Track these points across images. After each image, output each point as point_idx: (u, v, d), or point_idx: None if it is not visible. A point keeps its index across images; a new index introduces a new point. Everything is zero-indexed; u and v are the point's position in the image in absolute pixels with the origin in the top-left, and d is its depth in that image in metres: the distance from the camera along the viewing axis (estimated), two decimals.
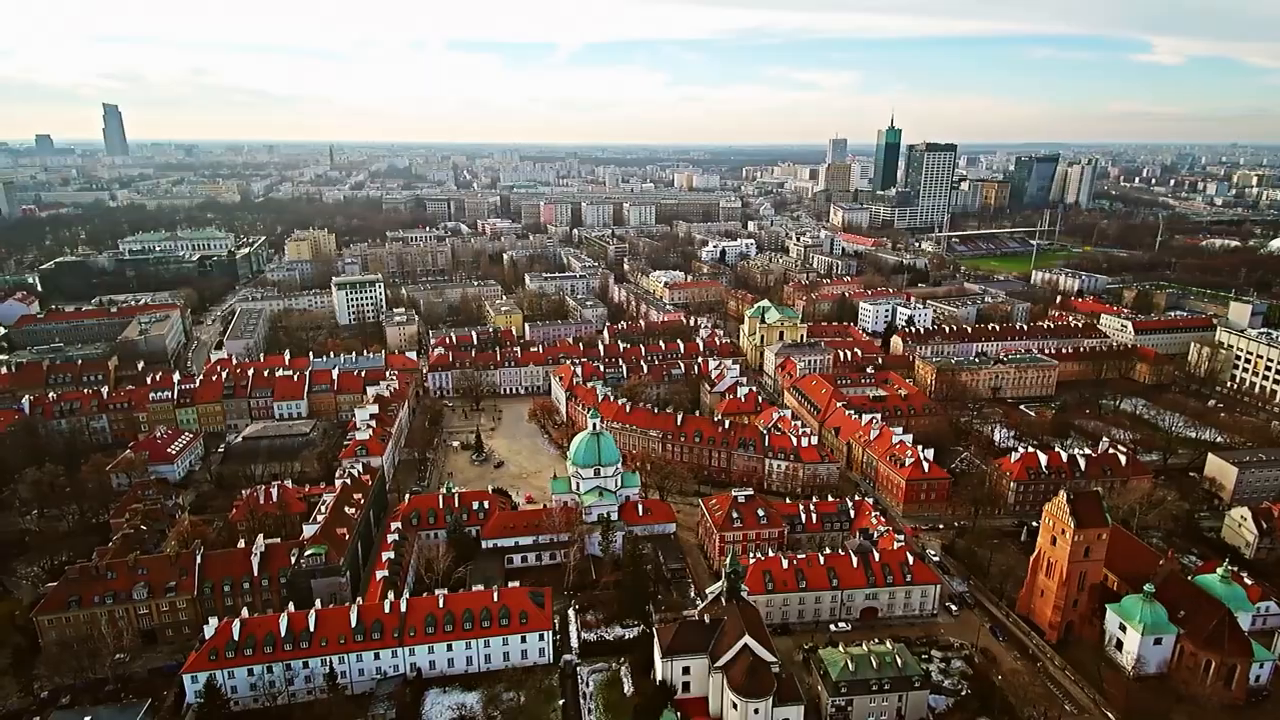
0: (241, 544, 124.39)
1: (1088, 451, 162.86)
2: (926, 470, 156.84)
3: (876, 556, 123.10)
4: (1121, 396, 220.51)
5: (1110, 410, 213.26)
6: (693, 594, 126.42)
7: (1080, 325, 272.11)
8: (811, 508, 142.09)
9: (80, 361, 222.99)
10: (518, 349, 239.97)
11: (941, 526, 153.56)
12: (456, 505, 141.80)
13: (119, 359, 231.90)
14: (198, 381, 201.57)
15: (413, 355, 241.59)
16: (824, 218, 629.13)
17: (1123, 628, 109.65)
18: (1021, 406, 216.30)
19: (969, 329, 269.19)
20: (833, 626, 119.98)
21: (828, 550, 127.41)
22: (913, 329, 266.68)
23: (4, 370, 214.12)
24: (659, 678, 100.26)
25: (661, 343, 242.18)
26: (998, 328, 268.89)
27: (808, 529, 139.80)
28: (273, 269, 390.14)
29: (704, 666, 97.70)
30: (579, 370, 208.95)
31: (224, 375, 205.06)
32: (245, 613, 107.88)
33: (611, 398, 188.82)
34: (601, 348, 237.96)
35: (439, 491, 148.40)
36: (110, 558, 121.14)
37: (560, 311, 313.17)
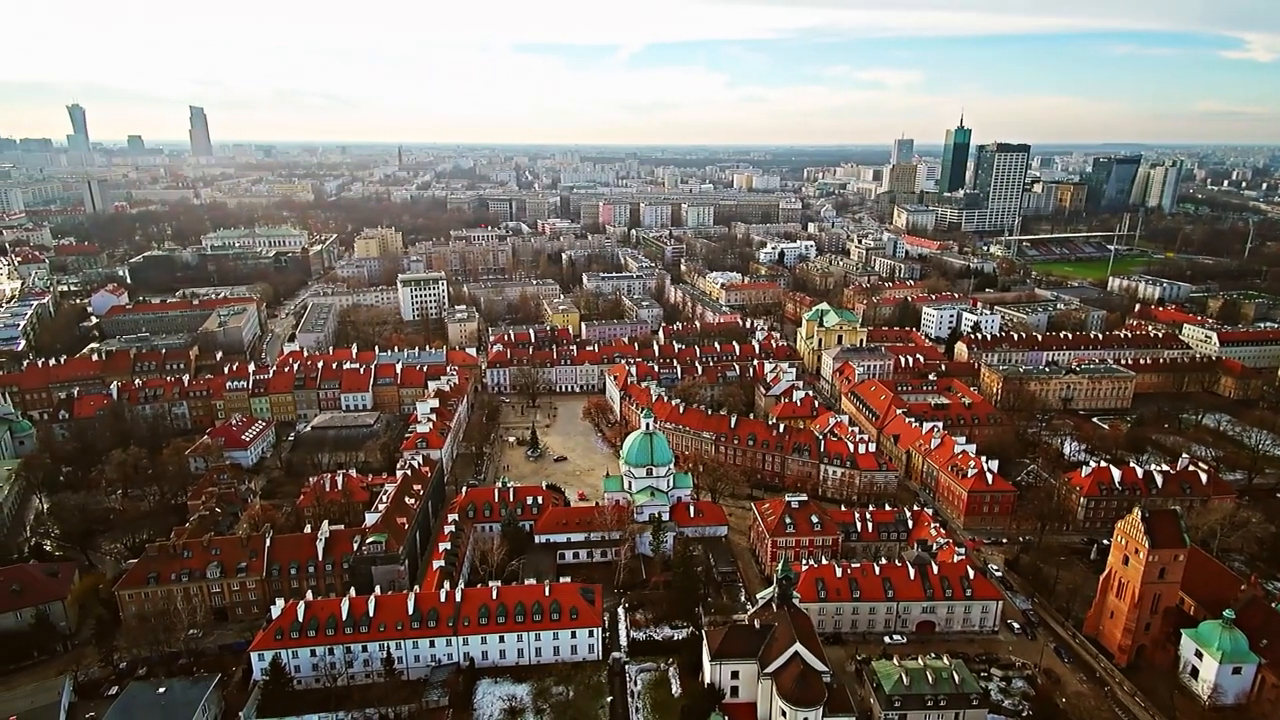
0: (308, 529, 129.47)
1: (1165, 468, 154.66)
2: (990, 482, 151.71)
3: (935, 569, 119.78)
4: (1204, 411, 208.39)
5: (1191, 425, 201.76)
6: (743, 598, 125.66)
7: (1160, 335, 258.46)
8: (868, 516, 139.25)
9: (164, 351, 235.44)
10: (574, 348, 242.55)
11: (1005, 541, 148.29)
12: (511, 500, 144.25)
13: (199, 349, 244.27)
14: (271, 372, 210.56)
15: (472, 352, 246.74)
16: (887, 220, 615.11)
17: (1199, 655, 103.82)
18: (1094, 419, 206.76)
19: (1039, 336, 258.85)
20: (887, 639, 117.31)
21: (883, 560, 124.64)
22: (979, 335, 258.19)
23: (95, 357, 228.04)
24: (707, 680, 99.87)
25: (717, 344, 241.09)
26: (1070, 336, 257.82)
27: (863, 538, 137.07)
28: (343, 265, 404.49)
29: (753, 672, 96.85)
30: (633, 370, 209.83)
31: (295, 367, 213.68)
32: (310, 595, 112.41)
33: (665, 398, 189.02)
34: (656, 348, 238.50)
35: (495, 485, 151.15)
36: (187, 538, 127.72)
37: (616, 311, 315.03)
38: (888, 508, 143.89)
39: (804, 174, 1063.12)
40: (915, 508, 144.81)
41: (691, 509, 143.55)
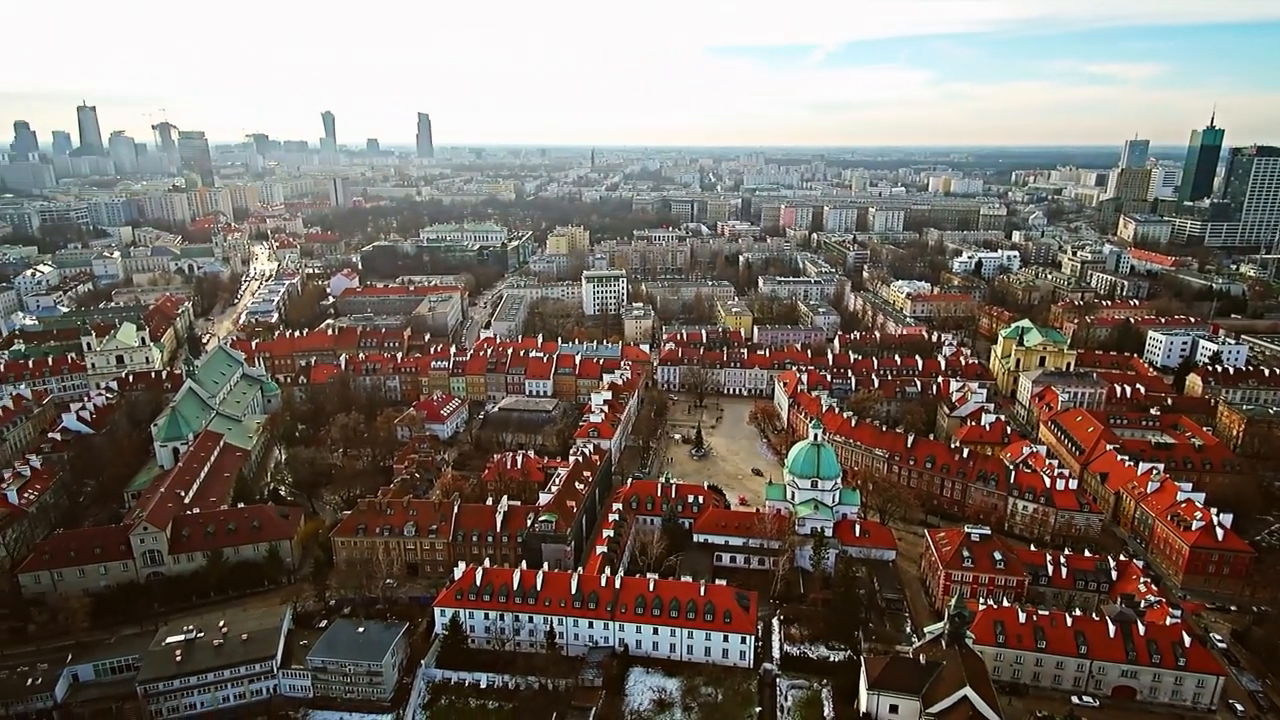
0: (489, 501, 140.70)
1: None
2: (1221, 538, 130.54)
3: (1141, 629, 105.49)
4: None
5: None
6: (908, 629, 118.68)
7: None
8: (1062, 560, 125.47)
9: (384, 330, 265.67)
10: (744, 350, 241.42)
11: (1234, 609, 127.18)
12: (674, 496, 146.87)
13: (411, 330, 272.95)
14: (468, 355, 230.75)
15: (646, 348, 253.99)
16: (1110, 230, 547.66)
17: None
18: None
19: None
20: (1075, 699, 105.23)
21: (1078, 611, 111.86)
22: (1218, 367, 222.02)
23: (329, 332, 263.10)
24: (863, 709, 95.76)
25: (897, 357, 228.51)
26: None
27: (1054, 584, 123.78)
28: (535, 260, 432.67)
29: (914, 709, 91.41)
30: (805, 378, 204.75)
31: (488, 352, 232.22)
32: (487, 562, 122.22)
33: (836, 409, 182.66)
34: (831, 357, 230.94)
35: (658, 480, 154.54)
36: (390, 497, 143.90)
37: (791, 316, 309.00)
38: (1087, 554, 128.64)
39: (1012, 178, 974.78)
40: (1122, 557, 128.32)
41: (857, 528, 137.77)
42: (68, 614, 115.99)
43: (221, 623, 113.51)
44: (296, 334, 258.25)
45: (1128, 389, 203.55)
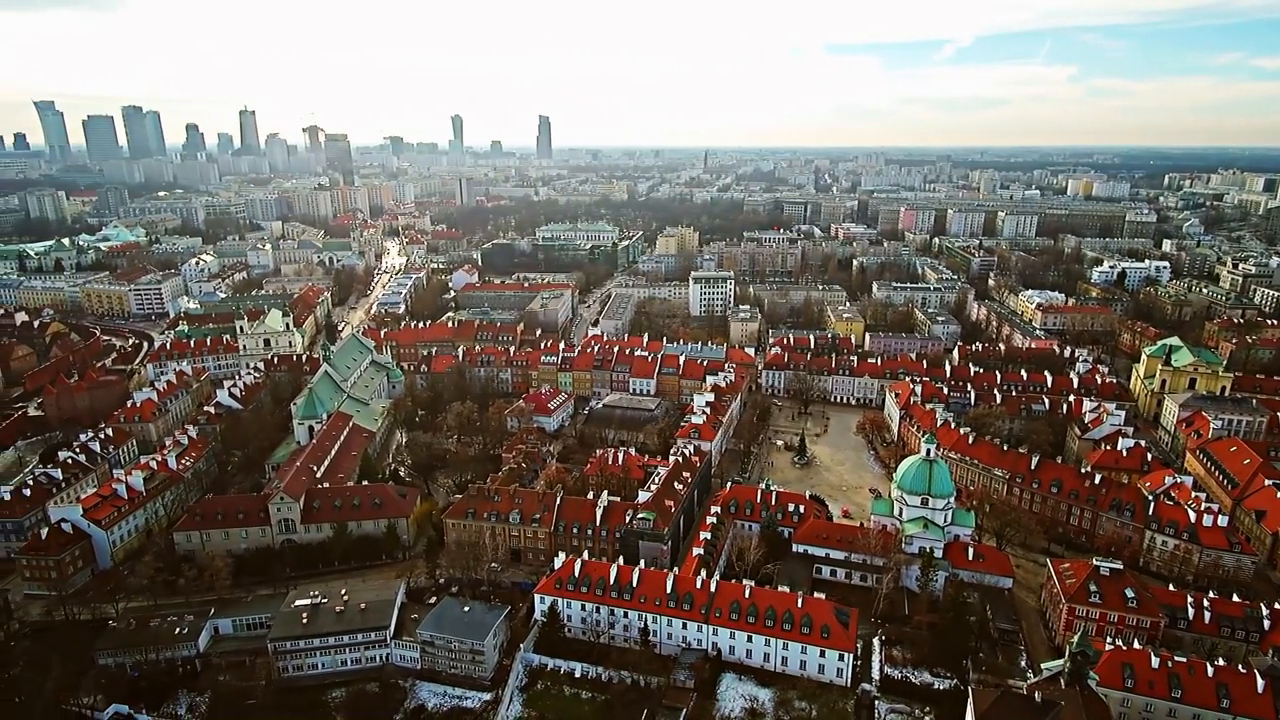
0: (590, 495, 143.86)
1: None
2: None
3: None
4: None
5: None
6: (1023, 663, 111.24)
7: None
8: (1205, 604, 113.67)
9: (499, 324, 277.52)
10: (854, 358, 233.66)
11: None
12: (773, 503, 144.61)
13: (524, 325, 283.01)
14: (576, 352, 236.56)
15: (751, 351, 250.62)
16: (1279, 241, 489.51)
17: None
18: None
19: None
20: None
21: (1221, 661, 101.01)
22: None
23: (449, 324, 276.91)
24: None
25: (1023, 372, 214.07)
26: None
27: (1195, 628, 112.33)
28: (644, 260, 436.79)
29: None
30: (918, 389, 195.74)
31: (595, 349, 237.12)
32: (586, 555, 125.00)
33: (952, 424, 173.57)
34: (948, 368, 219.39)
35: (758, 486, 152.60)
36: (498, 484, 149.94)
37: (906, 324, 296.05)
38: (1236, 599, 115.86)
39: (1164, 181, 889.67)
40: (1277, 606, 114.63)
41: (970, 551, 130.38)
42: (213, 571, 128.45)
43: (344, 591, 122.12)
44: (420, 325, 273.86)
45: None
